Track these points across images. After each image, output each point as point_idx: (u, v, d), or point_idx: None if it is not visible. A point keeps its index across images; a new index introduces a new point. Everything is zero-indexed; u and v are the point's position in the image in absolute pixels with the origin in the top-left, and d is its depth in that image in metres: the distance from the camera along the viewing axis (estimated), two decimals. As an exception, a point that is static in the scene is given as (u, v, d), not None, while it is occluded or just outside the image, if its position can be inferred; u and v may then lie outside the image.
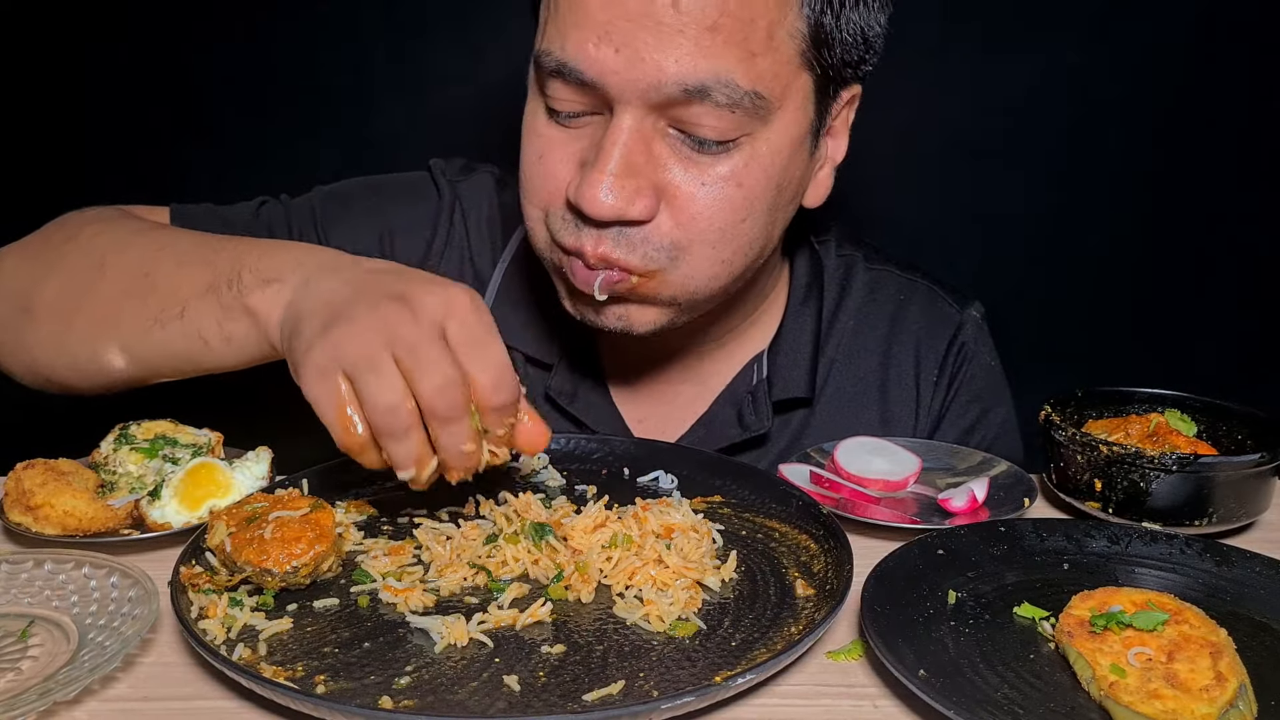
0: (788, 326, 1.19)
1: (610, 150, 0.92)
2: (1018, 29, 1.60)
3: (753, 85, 0.91)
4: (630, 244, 0.96)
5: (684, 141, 0.94)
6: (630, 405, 1.19)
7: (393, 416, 0.79)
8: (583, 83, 0.92)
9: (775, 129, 0.95)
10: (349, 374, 0.80)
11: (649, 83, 0.90)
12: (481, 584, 0.84)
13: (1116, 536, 0.91)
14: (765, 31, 0.90)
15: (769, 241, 1.03)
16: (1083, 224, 1.69)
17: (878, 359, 1.21)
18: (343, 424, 0.81)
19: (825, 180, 1.07)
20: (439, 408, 0.79)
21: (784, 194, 1.00)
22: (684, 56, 0.88)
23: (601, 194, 0.92)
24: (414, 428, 0.80)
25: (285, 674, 0.71)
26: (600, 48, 0.90)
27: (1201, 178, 1.67)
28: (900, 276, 1.25)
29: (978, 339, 1.24)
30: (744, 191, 0.95)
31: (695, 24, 0.88)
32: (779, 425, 1.18)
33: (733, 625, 0.78)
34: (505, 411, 0.82)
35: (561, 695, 0.69)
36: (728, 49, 0.89)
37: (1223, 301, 1.72)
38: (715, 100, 0.90)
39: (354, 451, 0.82)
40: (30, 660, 0.73)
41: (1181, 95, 1.63)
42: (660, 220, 0.96)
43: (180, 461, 0.98)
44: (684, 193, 0.95)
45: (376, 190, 1.24)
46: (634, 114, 0.92)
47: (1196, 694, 0.68)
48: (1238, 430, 1.07)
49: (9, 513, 0.91)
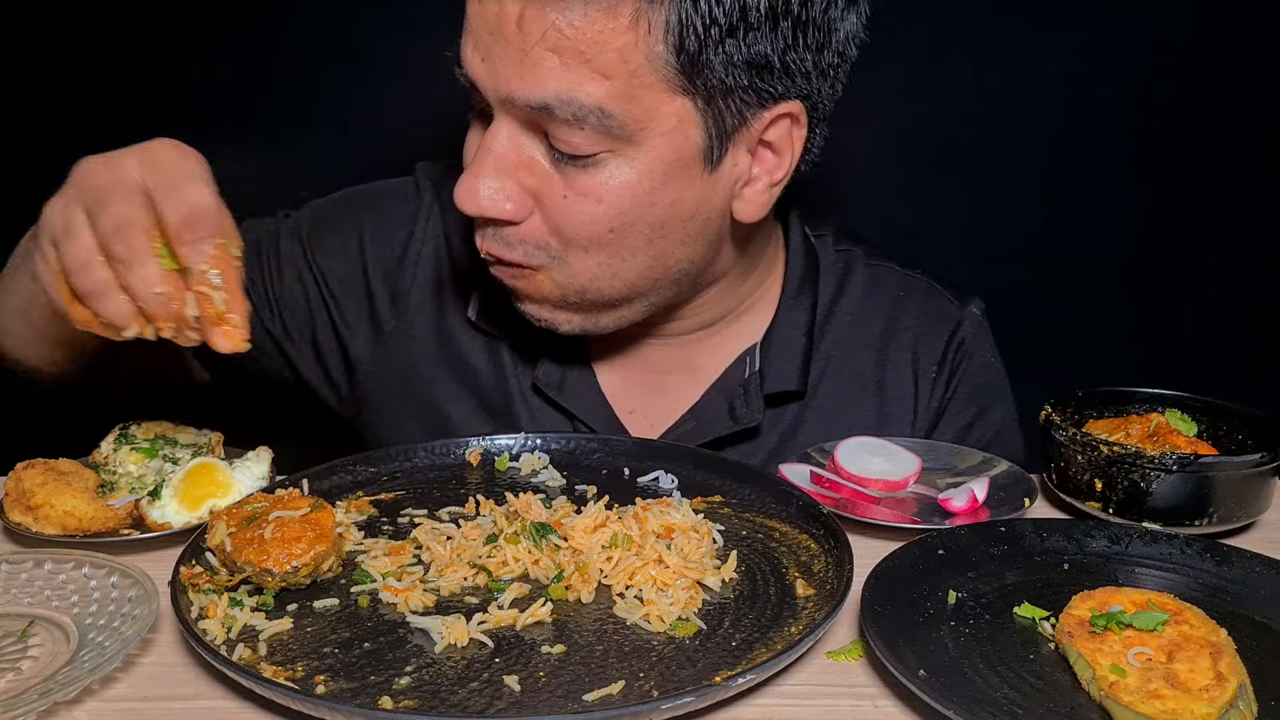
0: (781, 319, 1.19)
1: (483, 154, 0.98)
2: (1015, 27, 1.60)
3: (599, 104, 0.92)
4: (508, 242, 1.01)
5: (549, 151, 0.97)
6: (620, 396, 1.19)
7: (84, 273, 0.81)
8: (472, 86, 0.97)
9: (644, 150, 0.96)
10: (54, 244, 0.83)
11: (503, 94, 0.94)
12: (482, 584, 0.84)
13: (1117, 536, 0.91)
14: (616, 55, 0.91)
15: (669, 253, 1.03)
16: (1082, 224, 1.69)
17: (875, 354, 1.21)
18: (62, 299, 0.84)
19: (758, 197, 1.04)
20: (113, 249, 0.81)
21: (669, 211, 0.99)
22: (527, 74, 0.92)
23: (467, 194, 0.98)
24: (110, 282, 0.81)
25: (285, 674, 0.71)
26: (473, 55, 0.96)
27: (1201, 178, 1.67)
28: (900, 273, 1.25)
29: (977, 336, 1.24)
30: (605, 207, 0.97)
31: (537, 45, 0.91)
32: (771, 419, 1.17)
33: (733, 625, 0.78)
34: (197, 246, 0.82)
35: (562, 695, 0.69)
36: (568, 71, 0.91)
37: (1223, 301, 1.72)
38: (560, 117, 0.93)
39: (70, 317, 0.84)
40: (30, 660, 0.73)
41: (1181, 94, 1.63)
42: (533, 222, 1.00)
43: (180, 462, 0.98)
44: (549, 201, 0.99)
45: (358, 197, 1.28)
46: (507, 121, 0.97)
47: (1196, 694, 0.68)
48: (1238, 430, 1.07)
49: (9, 513, 0.91)
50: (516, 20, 0.90)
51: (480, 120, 1.02)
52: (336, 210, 1.26)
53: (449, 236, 1.22)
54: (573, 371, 1.18)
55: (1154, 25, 1.59)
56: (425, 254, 1.22)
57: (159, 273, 0.81)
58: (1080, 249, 1.71)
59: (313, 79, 1.65)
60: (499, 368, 1.19)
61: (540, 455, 1.07)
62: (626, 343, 1.19)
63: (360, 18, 1.62)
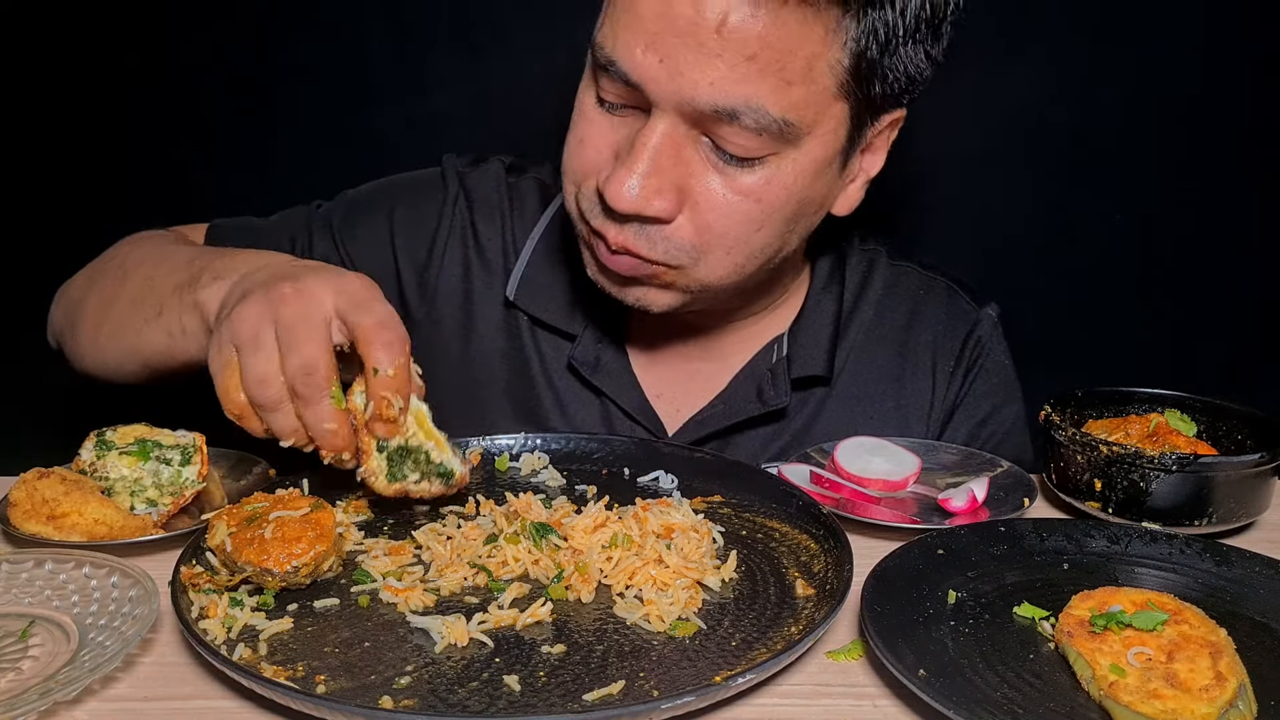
0: (809, 310, 1.22)
1: (641, 151, 0.96)
2: (1021, 31, 1.60)
3: (783, 113, 0.93)
4: (650, 240, 1.00)
5: (713, 150, 0.97)
6: (650, 379, 1.21)
7: (262, 388, 0.86)
8: (627, 82, 0.95)
9: (803, 151, 0.98)
10: (237, 347, 0.88)
11: (684, 96, 0.93)
12: (482, 584, 0.84)
13: (1116, 536, 0.91)
14: (804, 63, 0.92)
15: (785, 248, 1.06)
16: (1083, 225, 1.69)
17: (895, 349, 1.24)
18: (223, 389, 0.88)
19: (856, 193, 1.09)
20: (296, 386, 0.86)
21: (805, 208, 1.03)
22: (719, 79, 0.91)
23: (625, 190, 0.96)
24: (284, 400, 0.87)
25: (286, 674, 0.71)
26: (646, 54, 0.93)
27: (1201, 178, 1.67)
28: (921, 273, 1.29)
29: (993, 336, 1.27)
30: (762, 207, 0.99)
31: (735, 51, 0.90)
32: (797, 404, 1.20)
33: (733, 625, 0.78)
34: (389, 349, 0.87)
35: (562, 695, 0.69)
36: (763, 78, 0.91)
37: (1223, 301, 1.72)
38: (744, 123, 0.93)
39: (236, 417, 0.89)
40: (31, 660, 0.73)
41: (1182, 96, 1.63)
42: (681, 222, 0.99)
43: (171, 462, 0.97)
44: (705, 201, 0.98)
45: (389, 188, 1.30)
46: (669, 119, 0.95)
47: (1196, 694, 0.68)
48: (1238, 430, 1.07)
49: (22, 525, 0.89)
50: (717, 26, 0.89)
51: (611, 112, 1.00)
52: (368, 202, 1.29)
53: (475, 225, 1.25)
54: (607, 353, 1.20)
55: (1158, 28, 1.60)
56: (452, 245, 1.24)
57: (331, 411, 0.87)
58: (1080, 250, 1.71)
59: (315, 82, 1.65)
60: (535, 347, 1.22)
61: (540, 455, 1.07)
62: (662, 330, 1.22)
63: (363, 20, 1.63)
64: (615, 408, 1.19)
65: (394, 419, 0.88)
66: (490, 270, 1.24)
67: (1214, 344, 1.73)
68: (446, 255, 1.24)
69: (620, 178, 0.96)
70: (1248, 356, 1.74)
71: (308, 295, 0.87)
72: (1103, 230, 1.69)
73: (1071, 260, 1.71)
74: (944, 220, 1.70)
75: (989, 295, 1.29)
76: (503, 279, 1.23)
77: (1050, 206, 1.69)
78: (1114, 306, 1.73)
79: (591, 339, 1.20)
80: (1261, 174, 1.67)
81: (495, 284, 1.23)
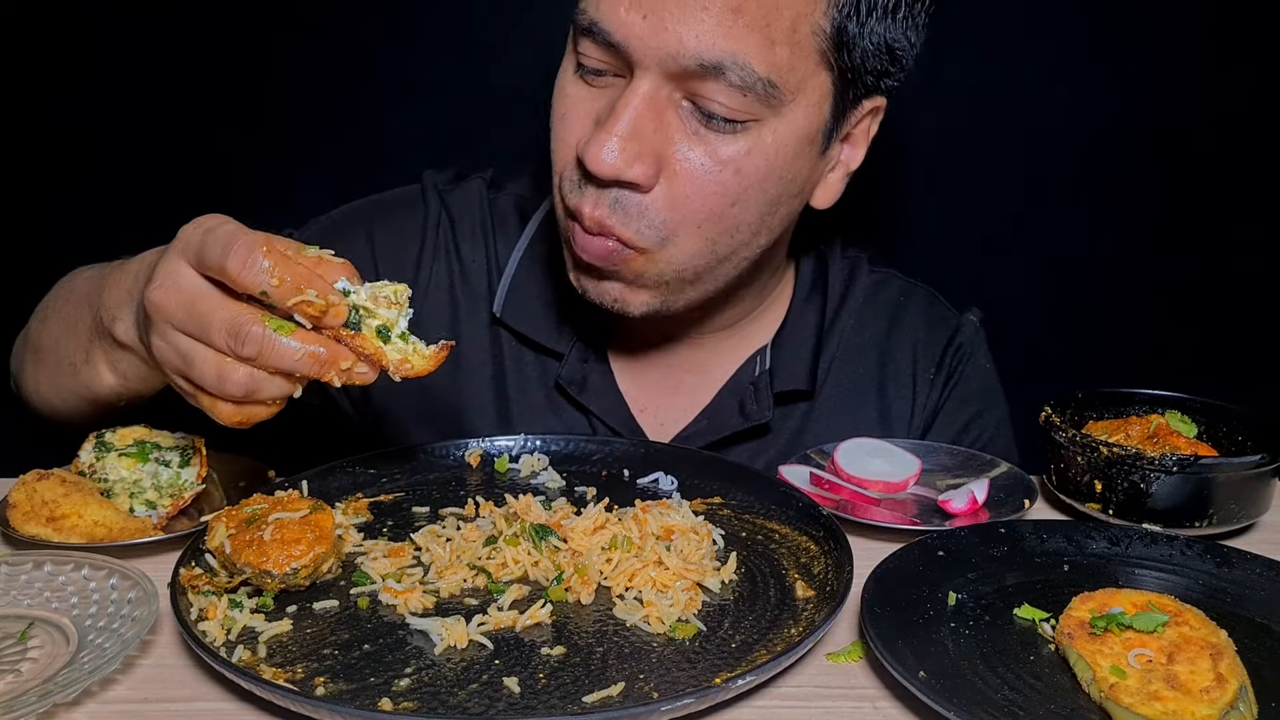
0: (791, 321, 1.21)
1: (622, 112, 0.95)
2: (1017, 35, 1.61)
3: (768, 73, 0.93)
4: (626, 213, 0.99)
5: (694, 114, 0.97)
6: (635, 393, 1.21)
7: (226, 384, 0.80)
8: (609, 44, 0.95)
9: (785, 120, 0.98)
10: (178, 374, 0.83)
11: (668, 51, 0.93)
12: (481, 586, 0.84)
13: (1117, 538, 0.91)
14: (789, 22, 0.93)
15: (762, 232, 1.05)
16: (1083, 226, 1.69)
17: (877, 357, 1.24)
18: (210, 413, 0.83)
19: (836, 184, 1.09)
20: (243, 352, 0.79)
21: (785, 187, 1.02)
22: (705, 32, 0.92)
23: (604, 152, 0.95)
24: (255, 375, 0.81)
25: (285, 676, 0.71)
26: (630, 12, 0.93)
27: (1200, 179, 1.67)
28: (902, 281, 1.29)
29: (974, 341, 1.27)
30: (740, 179, 0.98)
31: (720, 3, 0.91)
32: (780, 418, 1.19)
33: (733, 627, 0.78)
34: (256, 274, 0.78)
35: (561, 697, 0.69)
36: (748, 32, 0.92)
37: (1223, 302, 1.72)
38: (729, 79, 0.93)
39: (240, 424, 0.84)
40: (30, 662, 0.73)
41: (1181, 98, 1.63)
42: (656, 193, 0.98)
43: (170, 464, 0.97)
44: (683, 170, 0.98)
45: (365, 208, 1.27)
46: (651, 81, 0.95)
47: (1197, 695, 0.68)
48: (1238, 431, 1.07)
49: (21, 526, 0.89)
50: None
51: (592, 79, 1.00)
52: (343, 224, 1.26)
53: (460, 249, 1.23)
54: (594, 372, 1.19)
55: (1155, 32, 1.60)
56: (438, 267, 1.23)
57: (287, 344, 0.79)
58: (1080, 250, 1.71)
59: (313, 86, 1.65)
60: (520, 367, 1.21)
61: (540, 457, 1.07)
62: (644, 344, 1.21)
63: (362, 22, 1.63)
64: (601, 425, 1.18)
65: (325, 307, 0.79)
66: (474, 292, 1.22)
67: (1214, 344, 1.73)
68: (432, 277, 1.22)
69: (600, 140, 0.95)
70: (1248, 356, 1.74)
71: (171, 281, 0.81)
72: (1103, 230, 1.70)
73: (1071, 260, 1.71)
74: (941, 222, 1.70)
75: (987, 296, 1.29)
76: (487, 300, 1.21)
77: (1049, 207, 1.69)
78: (1113, 307, 1.73)
79: (577, 358, 1.19)
80: (1260, 174, 1.67)
81: (480, 305, 1.22)
